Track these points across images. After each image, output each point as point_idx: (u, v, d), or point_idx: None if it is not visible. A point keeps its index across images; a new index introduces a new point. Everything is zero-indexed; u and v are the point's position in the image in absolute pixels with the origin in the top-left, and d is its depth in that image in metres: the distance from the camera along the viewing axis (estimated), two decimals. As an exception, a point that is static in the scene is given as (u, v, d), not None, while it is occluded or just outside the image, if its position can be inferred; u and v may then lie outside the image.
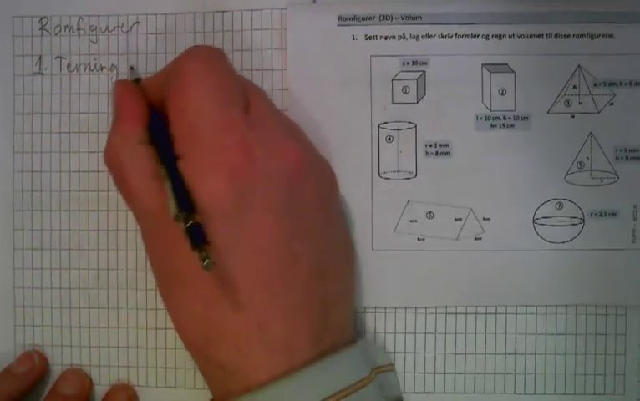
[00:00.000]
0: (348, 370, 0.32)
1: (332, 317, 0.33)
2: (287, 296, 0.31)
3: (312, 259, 0.32)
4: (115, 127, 0.33)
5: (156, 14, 0.39)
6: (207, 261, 0.28)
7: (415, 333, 0.37)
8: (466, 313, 0.37)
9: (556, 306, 0.37)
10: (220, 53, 0.33)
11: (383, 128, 0.37)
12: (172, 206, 0.30)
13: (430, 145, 0.37)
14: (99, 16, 0.39)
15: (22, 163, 0.39)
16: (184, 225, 0.29)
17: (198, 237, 0.29)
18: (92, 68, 0.39)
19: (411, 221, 0.37)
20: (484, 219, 0.37)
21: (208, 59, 0.32)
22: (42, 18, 0.39)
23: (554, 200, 0.37)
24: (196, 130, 0.31)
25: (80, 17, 0.39)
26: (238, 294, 0.30)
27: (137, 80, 0.36)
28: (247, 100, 0.32)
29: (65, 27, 0.39)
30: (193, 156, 0.31)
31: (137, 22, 0.39)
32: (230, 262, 0.30)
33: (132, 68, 0.38)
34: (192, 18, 0.38)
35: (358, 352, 0.33)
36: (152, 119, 0.33)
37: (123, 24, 0.39)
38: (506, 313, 0.37)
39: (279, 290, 0.31)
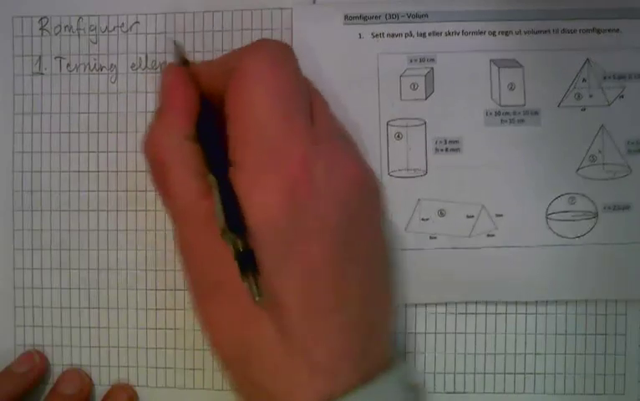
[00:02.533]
0: (389, 396, 0.30)
1: (374, 341, 0.31)
2: (333, 320, 0.29)
3: (360, 282, 0.30)
4: (160, 117, 0.31)
5: (156, 14, 0.38)
6: (258, 296, 0.27)
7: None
8: (466, 313, 0.37)
9: (556, 302, 0.37)
10: (288, 52, 0.31)
11: (392, 125, 0.37)
12: (220, 221, 0.28)
13: (440, 142, 0.37)
14: (98, 16, 0.39)
15: (21, 163, 0.39)
16: (232, 247, 0.27)
17: (249, 265, 0.27)
18: (92, 68, 0.39)
19: (422, 220, 0.37)
20: (496, 215, 0.37)
21: (275, 59, 0.30)
22: (42, 18, 0.39)
23: (566, 194, 0.36)
24: (257, 139, 0.29)
25: (80, 17, 0.39)
26: (282, 315, 0.28)
27: (185, 62, 0.33)
28: (312, 110, 0.31)
29: (65, 27, 0.39)
30: (249, 166, 0.29)
31: (137, 22, 0.39)
32: (277, 282, 0.28)
33: (175, 43, 0.34)
34: (192, 18, 0.38)
35: (396, 378, 0.31)
36: (202, 114, 0.31)
37: (123, 24, 0.39)
38: (506, 313, 0.37)
39: (325, 313, 0.29)
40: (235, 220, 0.28)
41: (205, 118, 0.31)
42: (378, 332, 0.32)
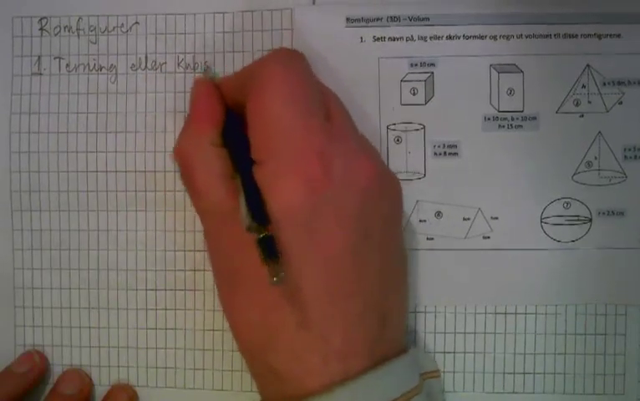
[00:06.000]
0: (400, 379, 0.32)
1: (388, 328, 0.33)
2: (349, 307, 0.31)
3: (375, 272, 0.32)
4: (187, 126, 0.34)
5: (156, 15, 0.38)
6: (277, 278, 0.28)
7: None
8: (465, 312, 0.37)
9: (556, 305, 0.37)
10: (302, 59, 0.33)
11: (392, 129, 0.37)
12: (245, 216, 0.29)
13: (439, 146, 0.37)
14: (98, 16, 0.39)
15: (19, 163, 0.39)
16: (256, 235, 0.29)
17: (270, 251, 0.29)
18: (91, 68, 0.39)
19: (420, 221, 0.37)
20: (492, 218, 0.37)
21: (290, 64, 0.32)
22: (41, 19, 0.39)
23: (562, 199, 0.37)
24: (275, 137, 0.31)
25: (80, 18, 0.39)
26: (300, 303, 0.30)
27: (212, 77, 0.36)
28: (327, 110, 0.32)
29: (65, 27, 0.39)
30: (270, 163, 0.31)
31: (136, 23, 0.39)
32: (295, 271, 0.30)
33: (207, 65, 0.38)
34: (192, 19, 0.38)
35: (410, 361, 0.33)
36: (228, 123, 0.33)
37: (122, 24, 0.39)
38: (506, 313, 0.37)
39: (341, 300, 0.31)
40: (258, 213, 0.29)
41: (230, 125, 0.33)
42: (393, 319, 0.33)
